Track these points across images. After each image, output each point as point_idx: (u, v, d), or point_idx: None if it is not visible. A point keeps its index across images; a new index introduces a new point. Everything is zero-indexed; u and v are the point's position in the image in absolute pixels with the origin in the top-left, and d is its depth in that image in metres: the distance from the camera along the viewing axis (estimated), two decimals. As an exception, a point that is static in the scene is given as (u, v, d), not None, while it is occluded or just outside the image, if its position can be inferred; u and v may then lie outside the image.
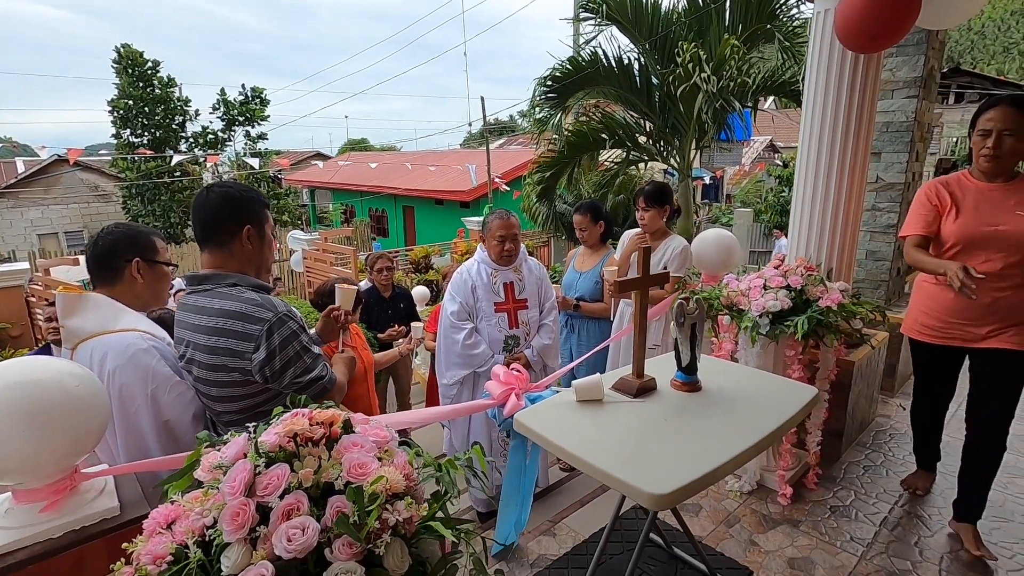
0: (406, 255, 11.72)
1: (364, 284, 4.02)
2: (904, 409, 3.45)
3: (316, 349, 1.54)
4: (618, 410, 1.59)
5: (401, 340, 3.44)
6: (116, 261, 1.59)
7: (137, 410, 1.49)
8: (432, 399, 4.05)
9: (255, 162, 14.51)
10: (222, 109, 16.89)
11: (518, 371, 2.20)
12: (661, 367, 1.77)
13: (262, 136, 17.73)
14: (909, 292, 4.06)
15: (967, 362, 2.23)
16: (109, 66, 15.44)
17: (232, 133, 17.24)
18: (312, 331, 1.76)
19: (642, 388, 1.65)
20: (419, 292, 7.17)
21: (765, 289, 2.37)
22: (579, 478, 3.17)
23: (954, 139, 17.11)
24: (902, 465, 2.82)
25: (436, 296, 8.30)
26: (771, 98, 6.90)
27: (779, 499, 2.52)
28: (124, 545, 0.88)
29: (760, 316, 2.32)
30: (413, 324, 3.30)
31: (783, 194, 13.87)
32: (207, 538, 0.85)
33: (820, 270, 2.56)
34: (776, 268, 2.47)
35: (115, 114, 15.82)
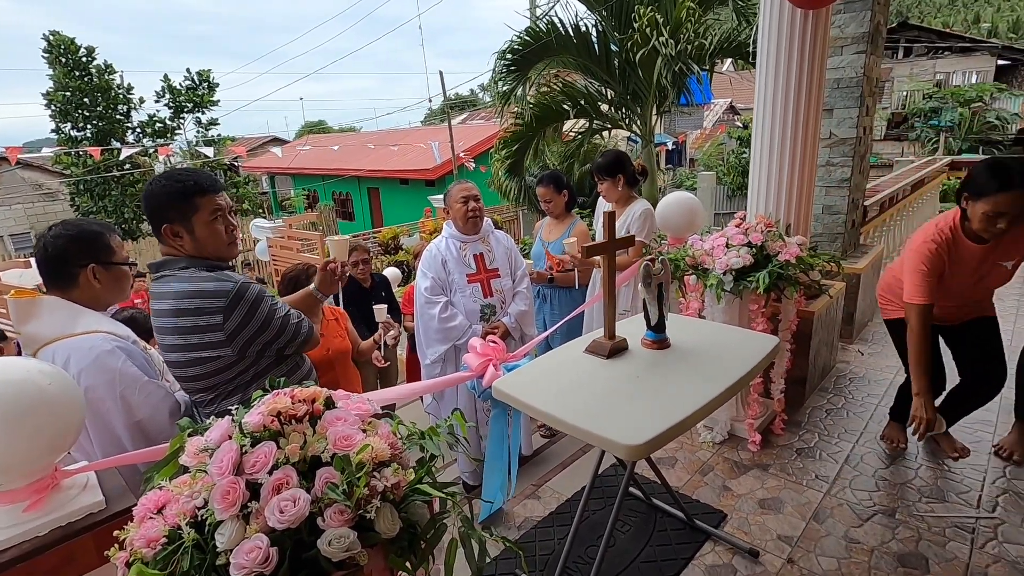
0: (374, 237, 11.58)
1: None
2: (863, 354, 3.64)
3: (282, 304, 1.57)
4: (592, 371, 1.65)
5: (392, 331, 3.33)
6: (69, 268, 1.53)
7: (107, 412, 1.48)
8: (412, 378, 4.08)
9: (209, 151, 13.97)
10: (168, 96, 16.11)
11: (494, 342, 2.25)
12: (632, 328, 1.83)
13: (213, 122, 17.00)
14: (864, 243, 4.24)
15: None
16: (39, 56, 14.54)
17: (181, 121, 16.50)
18: (312, 287, 1.76)
19: (614, 349, 1.71)
20: (391, 273, 7.11)
21: (728, 247, 2.46)
22: (560, 442, 3.27)
23: (904, 92, 17.61)
24: (861, 406, 2.99)
25: (408, 276, 8.26)
26: (729, 60, 6.95)
27: (749, 446, 2.65)
28: (116, 533, 0.90)
29: (724, 274, 2.40)
30: (376, 307, 3.05)
31: (744, 155, 14.13)
32: (199, 518, 0.87)
33: (779, 226, 2.66)
34: (737, 227, 2.55)
35: (52, 107, 14.94)
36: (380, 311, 3.04)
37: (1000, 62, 17.87)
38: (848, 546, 2.04)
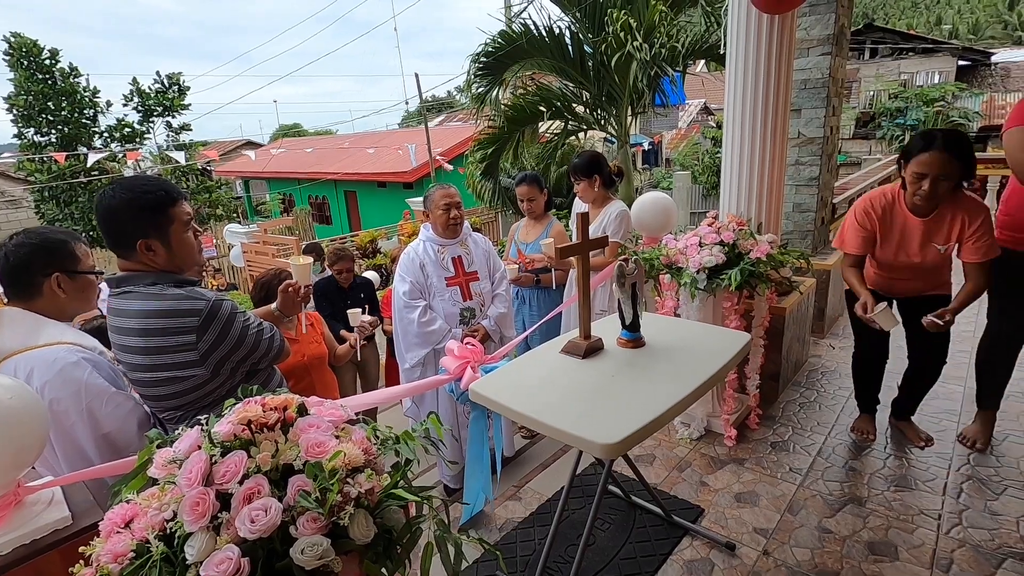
0: (352, 241, 11.47)
1: (317, 277, 3.90)
2: (834, 348, 3.73)
3: (254, 318, 1.56)
4: (568, 371, 1.66)
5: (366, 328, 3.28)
6: (33, 277, 1.49)
7: (72, 425, 1.44)
8: (391, 382, 4.05)
9: (180, 156, 13.65)
10: (137, 99, 15.71)
11: (472, 345, 2.24)
12: (607, 328, 1.85)
13: (185, 127, 16.62)
14: (833, 240, 4.34)
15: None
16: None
17: (151, 125, 16.10)
18: (273, 306, 1.79)
19: (590, 348, 1.73)
20: (369, 277, 7.05)
21: (701, 246, 2.50)
22: (540, 444, 3.28)
23: (871, 92, 18.10)
24: (833, 399, 3.06)
25: (386, 280, 8.20)
26: (701, 62, 7.07)
27: (725, 441, 2.70)
28: (81, 549, 0.88)
29: (698, 272, 2.44)
30: (349, 312, 3.00)
31: (717, 155, 14.36)
32: (168, 531, 0.86)
33: (750, 224, 2.71)
34: (710, 226, 2.60)
35: (14, 112, 14.45)
36: (355, 315, 3.01)
37: (960, 62, 18.49)
38: (821, 536, 2.09)
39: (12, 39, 13.94)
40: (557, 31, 6.58)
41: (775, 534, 2.12)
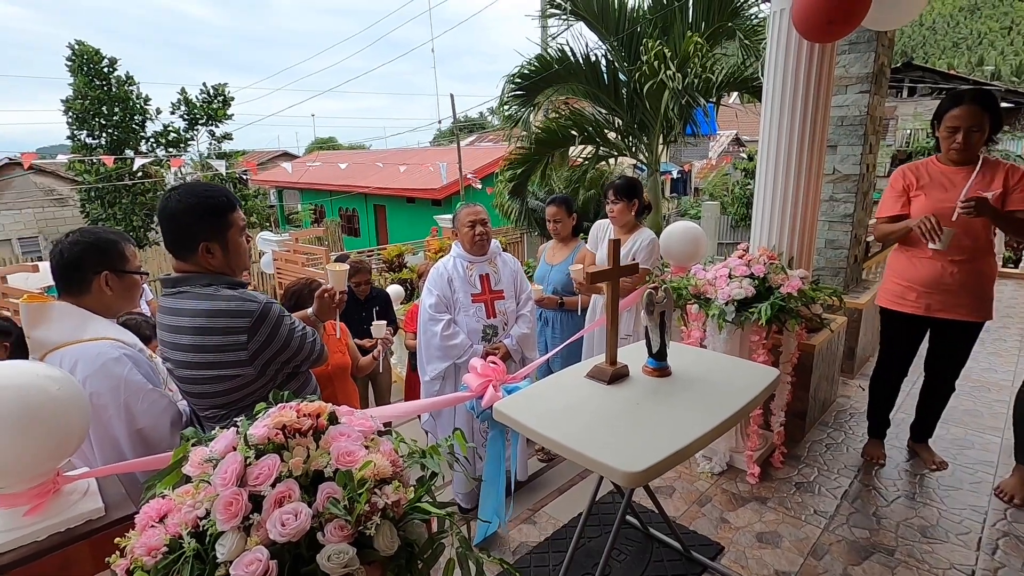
0: (379, 254, 11.63)
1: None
2: (863, 389, 3.63)
3: (298, 322, 1.61)
4: (593, 396, 1.66)
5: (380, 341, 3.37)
6: (84, 274, 1.56)
7: (109, 419, 1.49)
8: (411, 396, 4.07)
9: (221, 164, 14.14)
10: (183, 108, 16.40)
11: (495, 363, 2.26)
12: (633, 355, 1.85)
13: (227, 136, 17.27)
14: (867, 279, 4.26)
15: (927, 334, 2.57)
16: (61, 64, 14.83)
17: (195, 133, 16.76)
18: (309, 311, 1.83)
19: (615, 375, 1.72)
20: (394, 291, 7.15)
21: (730, 278, 2.48)
22: (557, 468, 3.25)
23: (908, 131, 17.80)
24: (861, 442, 2.97)
25: (411, 294, 8.28)
26: (735, 94, 7.08)
27: (748, 478, 2.63)
28: (116, 540, 0.90)
29: (726, 304, 2.42)
30: (374, 324, 3.08)
31: (748, 186, 14.25)
32: (201, 528, 0.88)
33: (781, 258, 2.68)
34: (740, 258, 2.58)
35: (70, 114, 15.21)
36: (379, 327, 3.07)
37: (1004, 104, 18.11)
38: (846, 584, 2.02)
39: (76, 46, 14.73)
40: (593, 58, 6.68)
41: (797, 578, 2.05)
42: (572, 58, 6.62)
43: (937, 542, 2.21)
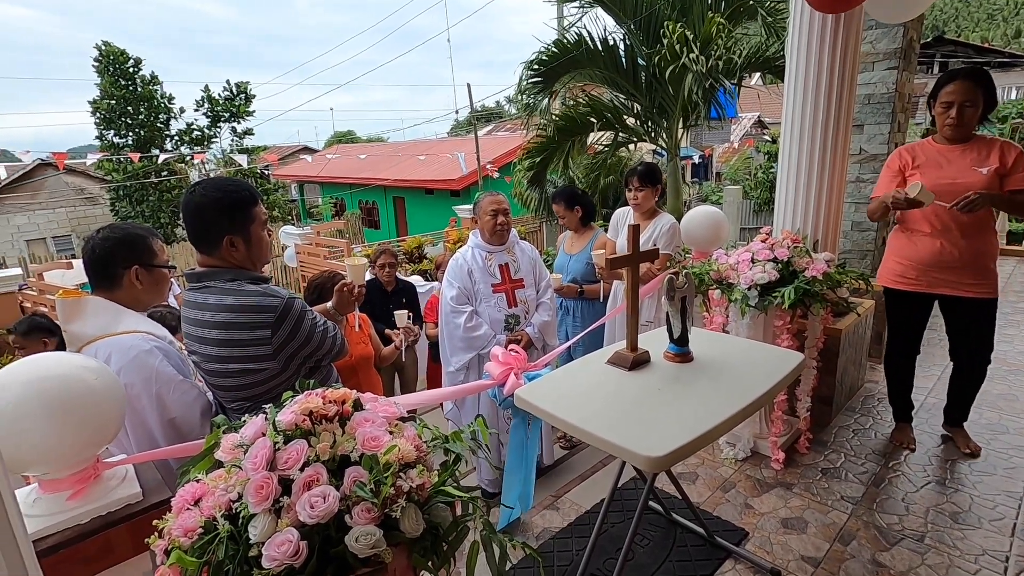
0: (399, 246, 11.72)
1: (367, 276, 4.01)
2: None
3: (320, 317, 1.64)
4: (614, 382, 1.66)
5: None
6: (115, 269, 1.60)
7: (143, 409, 1.54)
8: (434, 386, 4.12)
9: (243, 159, 14.39)
10: (207, 106, 16.69)
11: (516, 352, 2.27)
12: (654, 341, 1.84)
13: (248, 132, 17.55)
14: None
15: (936, 308, 2.57)
16: (84, 65, 15.27)
17: (218, 130, 17.06)
18: (329, 304, 1.86)
19: (636, 361, 1.72)
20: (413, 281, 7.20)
21: (753, 262, 2.44)
22: (580, 455, 3.26)
23: (940, 108, 17.15)
24: (889, 427, 2.91)
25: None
26: (757, 75, 6.91)
27: (772, 464, 2.61)
28: (155, 522, 0.94)
29: (749, 288, 2.39)
30: (396, 313, 3.13)
31: (771, 170, 13.93)
32: (233, 511, 0.91)
33: (806, 242, 2.63)
34: (763, 242, 2.54)
35: (98, 115, 15.60)
36: (401, 316, 3.10)
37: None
38: (875, 570, 1.99)
39: (103, 47, 15.07)
40: (611, 42, 6.58)
41: (824, 564, 2.03)
42: (590, 43, 6.53)
43: (969, 528, 2.17)
